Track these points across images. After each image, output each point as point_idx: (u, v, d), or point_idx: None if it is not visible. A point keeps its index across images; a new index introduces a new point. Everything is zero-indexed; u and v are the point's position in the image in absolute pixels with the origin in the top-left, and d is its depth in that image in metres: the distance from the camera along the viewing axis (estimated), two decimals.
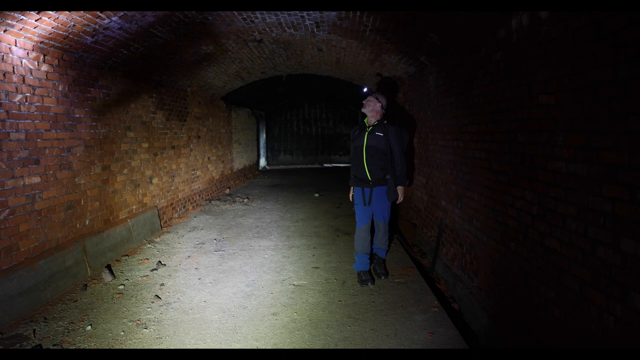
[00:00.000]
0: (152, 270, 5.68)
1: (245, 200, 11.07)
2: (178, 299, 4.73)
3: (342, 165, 21.90)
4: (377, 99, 5.14)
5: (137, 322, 4.18)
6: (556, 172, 3.08)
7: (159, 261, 5.95)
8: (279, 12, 5.99)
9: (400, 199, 5.18)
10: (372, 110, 5.16)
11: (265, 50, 8.59)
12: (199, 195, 10.64)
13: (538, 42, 3.33)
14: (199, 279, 5.34)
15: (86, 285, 5.13)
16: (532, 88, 3.44)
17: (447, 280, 5.69)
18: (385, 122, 5.16)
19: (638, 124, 2.25)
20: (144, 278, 5.40)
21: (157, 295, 4.78)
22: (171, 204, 8.77)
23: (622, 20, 2.35)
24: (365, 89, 5.47)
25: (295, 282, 5.17)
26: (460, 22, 4.61)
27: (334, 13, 5.90)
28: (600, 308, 2.57)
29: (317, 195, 11.91)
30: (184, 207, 9.51)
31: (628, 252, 2.33)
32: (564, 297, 2.97)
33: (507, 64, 3.92)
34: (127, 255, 6.32)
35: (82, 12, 4.47)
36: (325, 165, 22.32)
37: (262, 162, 20.64)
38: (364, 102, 5.23)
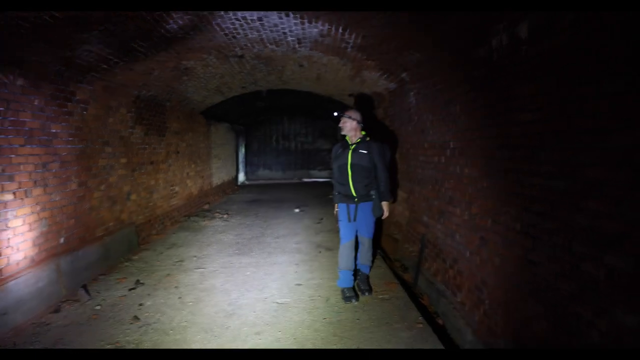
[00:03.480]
0: (130, 289, 5.53)
1: (225, 216, 10.94)
2: (158, 319, 4.61)
3: (321, 180, 21.85)
4: (349, 117, 5.12)
5: (116, 344, 4.05)
6: (538, 187, 3.10)
7: (138, 280, 5.81)
8: (261, 29, 5.96)
9: (386, 214, 5.16)
10: (350, 129, 5.14)
11: (247, 65, 8.55)
12: (178, 212, 10.47)
13: (518, 61, 3.35)
14: (179, 298, 5.22)
15: (60, 306, 4.96)
16: (513, 105, 3.46)
17: (430, 296, 5.66)
18: (368, 138, 5.14)
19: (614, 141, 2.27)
20: (122, 298, 5.25)
21: (136, 316, 4.64)
22: (149, 221, 8.61)
23: (604, 35, 2.37)
24: (335, 113, 5.44)
25: (278, 300, 5.08)
26: (441, 40, 4.64)
27: (315, 30, 5.90)
28: (587, 322, 2.57)
29: (297, 210, 11.83)
30: (163, 223, 9.34)
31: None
32: (551, 311, 2.96)
33: (487, 82, 3.95)
34: (104, 274, 6.15)
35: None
36: (305, 180, 22.25)
37: (241, 177, 20.50)
38: (339, 125, 5.21)
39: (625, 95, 2.25)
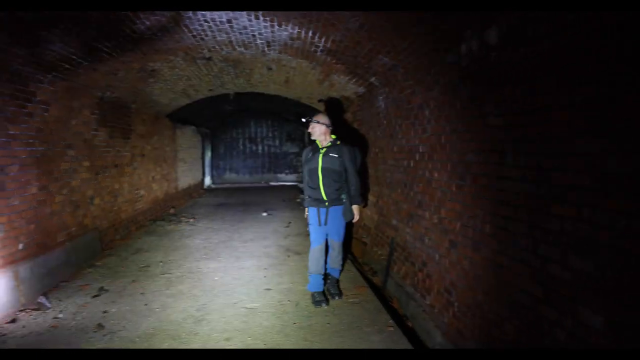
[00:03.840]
0: (93, 296, 5.37)
1: (192, 220, 10.77)
2: (124, 327, 4.48)
3: (289, 183, 21.81)
4: (317, 122, 5.11)
5: None
6: (506, 191, 3.13)
7: (102, 287, 5.65)
8: (230, 31, 5.89)
9: (356, 218, 5.16)
10: (319, 134, 5.13)
11: (214, 68, 8.44)
12: (143, 216, 10.26)
13: (487, 67, 3.39)
14: (145, 304, 5.09)
15: (17, 316, 4.77)
16: (482, 110, 3.50)
17: (399, 299, 5.67)
18: (339, 142, 5.12)
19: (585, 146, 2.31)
20: (85, 305, 5.09)
21: (100, 324, 4.50)
22: (113, 225, 8.40)
23: (572, 44, 2.41)
24: (303, 119, 5.41)
25: (247, 305, 5.01)
26: (412, 44, 4.66)
27: (285, 33, 5.87)
28: (552, 323, 2.61)
29: (265, 214, 11.74)
30: (127, 228, 9.13)
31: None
32: (516, 315, 3.00)
33: (457, 87, 3.98)
34: (67, 281, 5.96)
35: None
36: (272, 183, 22.16)
37: (208, 180, 20.26)
38: (308, 130, 5.21)
39: (590, 104, 2.30)
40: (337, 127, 5.79)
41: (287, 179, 22.72)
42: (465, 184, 3.82)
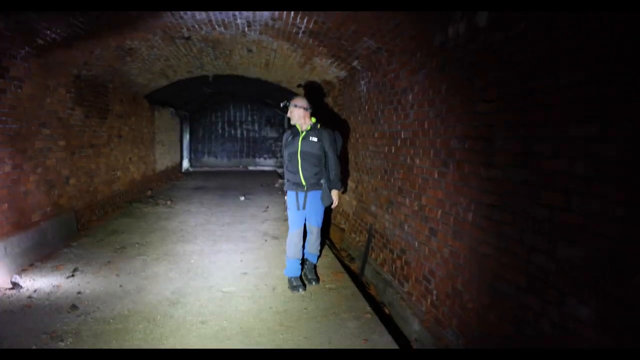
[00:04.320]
0: (68, 277, 5.29)
1: (169, 203, 10.67)
2: (98, 308, 4.41)
3: (267, 168, 21.72)
4: (296, 105, 5.05)
5: (52, 334, 3.82)
6: (492, 179, 3.13)
7: (76, 267, 5.57)
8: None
9: (335, 203, 5.14)
10: (298, 118, 5.06)
11: (193, 48, 8.31)
12: (120, 197, 10.13)
13: (475, 49, 3.38)
14: (120, 286, 5.03)
15: None
16: (468, 95, 3.49)
17: (377, 286, 5.72)
18: (319, 126, 5.10)
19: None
20: (59, 286, 5.00)
21: (74, 305, 4.42)
22: (90, 206, 8.27)
23: (569, 21, 2.41)
24: (282, 104, 5.37)
25: (223, 289, 4.98)
26: (396, 27, 4.64)
27: (267, 13, 5.79)
28: (536, 313, 2.62)
29: (242, 198, 11.68)
30: (104, 209, 9.01)
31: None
32: (500, 303, 3.03)
33: (443, 71, 3.97)
34: (40, 261, 5.85)
35: None
36: (250, 168, 22.05)
37: (186, 164, 20.07)
38: (287, 115, 5.15)
39: (583, 87, 2.28)
40: (319, 112, 5.75)
41: (265, 164, 22.62)
42: (449, 171, 3.81)
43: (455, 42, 3.71)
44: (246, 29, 6.84)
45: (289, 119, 5.16)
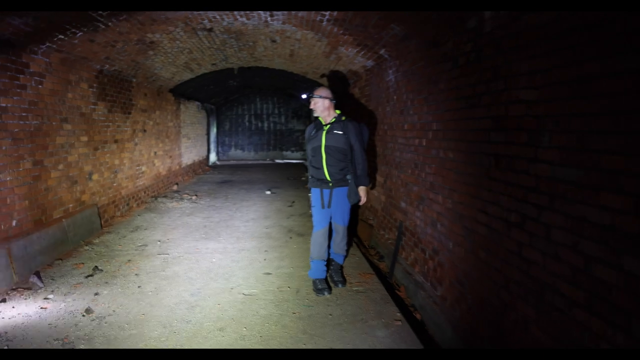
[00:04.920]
0: (87, 276, 5.17)
1: (194, 198, 10.57)
2: (114, 311, 4.25)
3: (294, 161, 21.55)
4: (320, 96, 4.76)
5: (65, 340, 3.66)
6: (539, 176, 2.82)
7: (96, 266, 5.45)
8: None
9: (363, 200, 4.86)
10: (322, 110, 4.79)
11: (216, 40, 8.13)
12: (144, 192, 10.06)
13: (518, 31, 3.06)
14: (138, 287, 4.88)
15: (9, 294, 4.58)
16: (509, 82, 3.17)
17: (407, 287, 5.44)
18: (344, 118, 4.82)
19: None
20: (77, 286, 4.87)
21: (90, 307, 4.26)
22: (113, 202, 8.20)
23: None
24: (303, 95, 5.10)
25: (245, 291, 4.78)
26: (428, 10, 4.34)
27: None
28: (597, 335, 2.30)
29: (268, 192, 11.52)
30: (128, 204, 8.94)
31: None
32: (547, 318, 2.73)
33: (478, 56, 3.64)
34: (61, 259, 5.75)
35: None
36: (277, 161, 21.91)
37: (212, 157, 20.04)
38: (310, 106, 4.87)
39: None
40: (344, 103, 5.47)
41: (292, 157, 22.46)
42: (485, 167, 3.48)
43: (493, 25, 3.39)
44: (269, 18, 6.61)
45: (312, 111, 4.92)
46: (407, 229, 5.67)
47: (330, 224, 4.94)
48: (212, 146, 20.00)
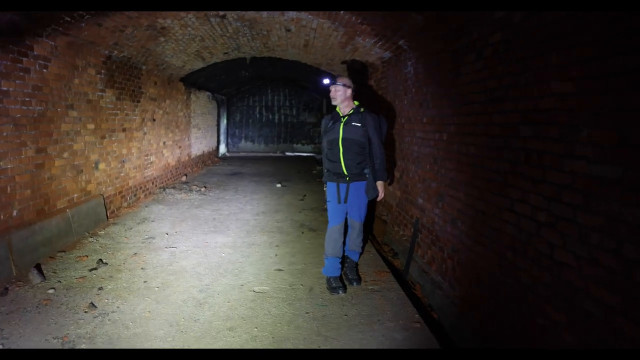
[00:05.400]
0: (91, 270, 4.95)
1: (203, 190, 10.34)
2: (118, 307, 4.03)
3: (305, 154, 21.30)
4: (343, 85, 4.49)
5: (64, 338, 3.46)
6: (575, 173, 2.55)
7: (100, 259, 5.23)
8: None
9: (381, 196, 4.60)
10: (343, 99, 4.52)
11: (229, 28, 7.88)
12: (153, 183, 9.85)
13: (553, 20, 2.79)
14: (144, 281, 4.66)
15: (7, 288, 4.37)
16: (541, 74, 2.91)
17: (423, 286, 5.20)
18: (362, 109, 4.56)
19: None
20: (80, 280, 4.67)
21: (92, 303, 4.05)
22: (120, 192, 7.99)
23: None
24: (325, 80, 4.79)
25: (255, 288, 4.54)
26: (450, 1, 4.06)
27: None
28: (633, 340, 2.07)
29: (279, 185, 11.28)
30: (135, 195, 8.73)
31: None
32: (580, 323, 2.47)
33: (507, 47, 3.40)
34: (64, 251, 5.54)
35: None
36: (288, 154, 21.67)
37: (222, 148, 19.82)
38: (330, 94, 4.58)
39: None
40: (360, 95, 5.19)
41: (303, 150, 22.20)
42: (514, 163, 3.25)
43: (523, 15, 3.12)
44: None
45: (328, 104, 4.64)
46: (423, 226, 5.42)
47: (346, 219, 4.67)
48: (222, 137, 19.79)
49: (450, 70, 4.57)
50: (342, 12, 5.91)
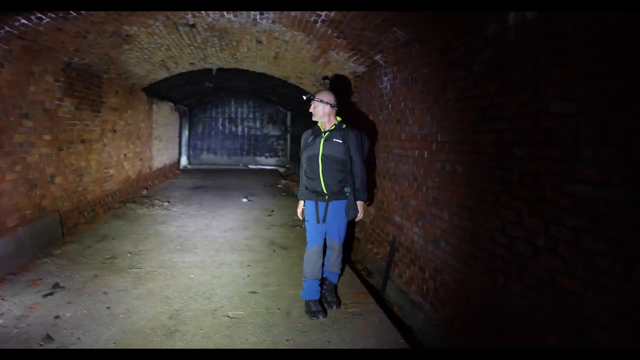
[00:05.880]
0: (45, 295, 4.52)
1: (166, 204, 9.92)
2: (78, 338, 3.65)
3: (268, 167, 21.00)
4: (321, 101, 4.26)
5: None
6: (578, 196, 2.41)
7: (57, 282, 4.81)
8: None
9: (360, 216, 4.40)
10: (322, 115, 4.29)
11: (198, 37, 7.56)
12: (112, 197, 9.36)
13: (553, 36, 2.65)
14: (107, 307, 4.28)
15: None
16: (539, 92, 2.77)
17: (401, 307, 5.01)
18: (344, 125, 4.35)
19: None
20: (33, 307, 4.23)
21: (48, 335, 3.64)
22: (78, 207, 7.51)
23: None
24: (303, 96, 4.54)
25: (230, 313, 4.23)
26: (436, 15, 3.91)
27: None
28: None
29: (245, 200, 10.95)
30: (94, 210, 8.24)
31: None
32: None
33: (499, 65, 3.27)
34: (14, 274, 5.06)
35: None
36: (251, 166, 21.32)
37: (184, 160, 19.31)
38: (310, 110, 4.36)
39: None
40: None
41: (267, 163, 21.93)
42: (507, 183, 3.10)
43: (518, 30, 3.01)
44: (258, 16, 6.12)
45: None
46: (401, 244, 5.25)
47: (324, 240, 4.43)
48: (184, 149, 19.30)
49: (434, 86, 4.43)
50: (318, 24, 5.72)
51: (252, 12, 5.94)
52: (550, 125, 2.67)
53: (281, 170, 19.50)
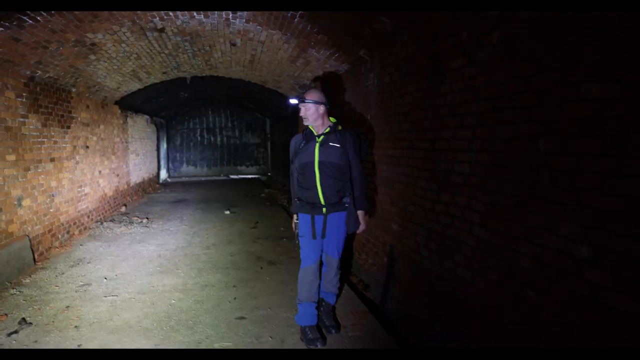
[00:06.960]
0: (10, 333, 4.04)
1: (145, 221, 9.44)
2: None
3: (250, 176, 20.61)
4: (314, 102, 3.79)
5: None
6: (622, 195, 2.07)
7: (23, 318, 4.34)
8: None
9: (362, 228, 3.95)
10: (316, 117, 3.82)
11: (168, 43, 7.16)
12: (88, 217, 8.86)
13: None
14: (79, 345, 3.83)
15: None
16: (568, 74, 2.41)
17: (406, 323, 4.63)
18: (340, 127, 3.91)
19: None
20: None
21: None
22: (50, 230, 7.02)
23: None
24: (292, 100, 4.09)
25: (216, 345, 3.79)
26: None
27: None
28: None
29: (227, 212, 10.52)
30: (68, 232, 7.75)
31: None
32: None
33: (510, 48, 2.90)
34: None
35: None
36: (232, 176, 20.88)
37: (163, 174, 18.77)
38: (300, 114, 3.88)
39: None
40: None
41: (248, 172, 21.54)
42: (529, 184, 2.73)
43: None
44: (231, 16, 5.73)
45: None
46: (400, 254, 4.87)
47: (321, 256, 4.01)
48: (163, 162, 18.76)
49: (429, 78, 4.05)
50: (296, 19, 5.35)
51: (224, 12, 5.56)
52: (584, 112, 2.30)
53: (263, 178, 19.10)
